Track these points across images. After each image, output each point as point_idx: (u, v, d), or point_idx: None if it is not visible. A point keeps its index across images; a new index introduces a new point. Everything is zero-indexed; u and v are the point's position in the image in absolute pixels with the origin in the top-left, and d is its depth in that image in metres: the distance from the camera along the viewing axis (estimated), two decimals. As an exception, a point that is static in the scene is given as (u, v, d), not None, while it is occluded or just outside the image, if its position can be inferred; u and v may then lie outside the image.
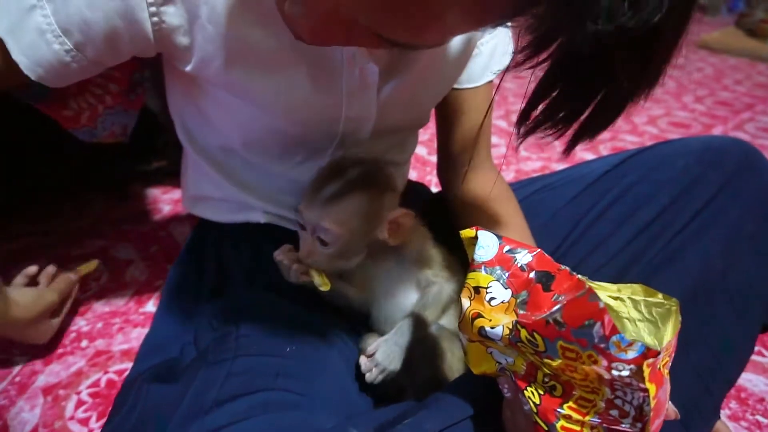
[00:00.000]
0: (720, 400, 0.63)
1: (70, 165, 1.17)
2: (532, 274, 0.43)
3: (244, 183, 0.64)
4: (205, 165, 0.65)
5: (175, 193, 1.32)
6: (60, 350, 0.86)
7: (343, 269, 0.57)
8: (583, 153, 1.67)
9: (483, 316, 0.43)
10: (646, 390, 0.35)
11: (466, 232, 0.47)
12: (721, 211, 0.61)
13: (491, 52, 0.67)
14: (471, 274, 0.46)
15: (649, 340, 0.41)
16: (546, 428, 0.40)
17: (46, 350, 0.85)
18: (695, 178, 0.64)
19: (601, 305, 0.34)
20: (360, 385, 0.58)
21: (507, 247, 0.45)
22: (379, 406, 0.56)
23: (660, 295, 0.42)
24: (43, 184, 1.17)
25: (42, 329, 0.74)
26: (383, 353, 0.56)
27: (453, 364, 0.62)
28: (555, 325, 0.36)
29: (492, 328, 0.42)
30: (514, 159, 1.61)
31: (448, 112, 0.72)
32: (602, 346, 0.34)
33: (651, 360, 0.34)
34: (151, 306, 0.97)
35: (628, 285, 0.43)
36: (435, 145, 0.77)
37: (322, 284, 0.54)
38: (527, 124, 0.37)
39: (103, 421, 0.74)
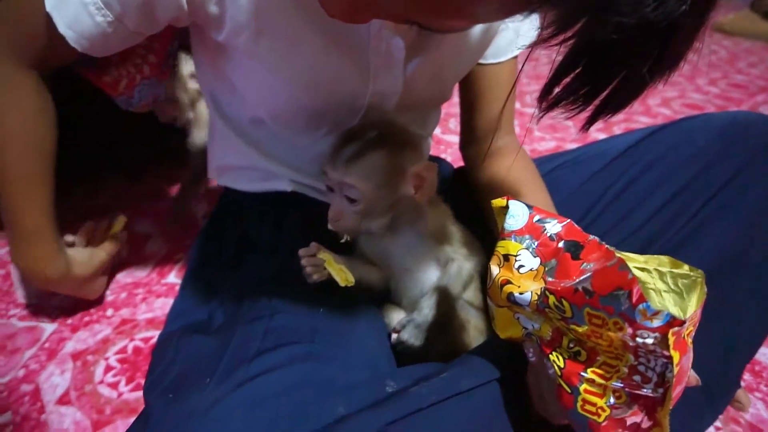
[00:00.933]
0: (741, 371, 0.64)
1: (84, 146, 1.18)
2: (561, 244, 0.44)
3: (270, 153, 0.65)
4: (232, 135, 0.66)
5: (192, 170, 1.34)
6: (86, 318, 0.88)
7: (370, 231, 0.58)
8: (597, 134, 1.67)
9: (512, 283, 0.44)
10: (669, 357, 0.36)
11: (498, 202, 0.48)
12: (744, 189, 0.61)
13: (517, 27, 0.67)
14: (501, 243, 0.47)
15: (675, 311, 0.42)
16: (569, 391, 0.41)
17: (73, 316, 0.88)
18: (718, 154, 0.64)
19: (631, 276, 0.35)
20: (386, 349, 0.60)
21: (537, 217, 0.46)
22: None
23: (686, 267, 0.42)
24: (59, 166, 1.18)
25: (97, 285, 0.82)
26: (408, 333, 0.58)
27: (472, 334, 0.63)
28: (584, 292, 0.37)
29: (521, 294, 0.43)
30: (529, 139, 1.61)
31: (472, 88, 0.72)
32: (629, 313, 0.35)
33: (676, 329, 0.35)
34: (172, 278, 0.98)
35: (655, 257, 0.44)
36: (449, 124, 0.77)
37: (343, 280, 0.55)
38: (549, 99, 0.37)
39: (133, 385, 0.76)
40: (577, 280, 0.39)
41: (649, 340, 0.36)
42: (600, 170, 0.73)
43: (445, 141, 1.50)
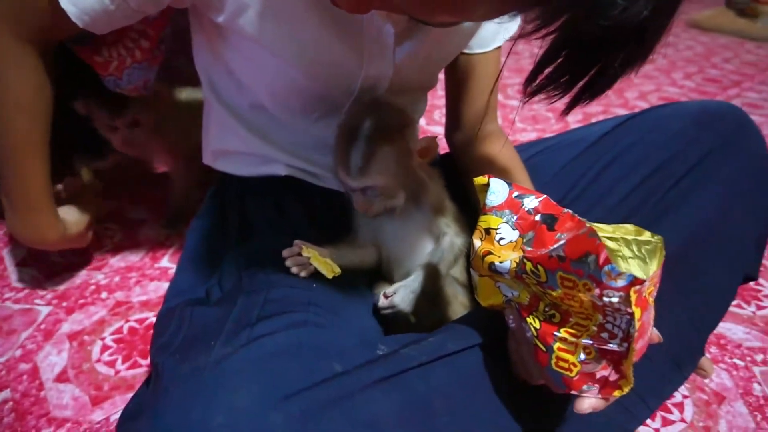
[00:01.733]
0: (706, 339, 0.69)
1: (79, 134, 1.19)
2: (537, 217, 0.48)
3: (266, 136, 0.67)
4: (229, 119, 0.68)
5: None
6: (81, 301, 0.90)
7: (395, 207, 0.62)
8: (577, 125, 1.71)
9: (493, 253, 0.47)
10: (632, 313, 0.40)
11: (480, 180, 0.51)
12: (715, 168, 0.65)
13: (501, 18, 0.71)
14: (482, 218, 0.50)
15: (639, 275, 0.46)
16: (544, 350, 0.45)
17: (68, 299, 0.90)
18: (690, 138, 0.68)
19: (598, 241, 0.39)
20: (375, 324, 0.63)
21: (516, 193, 0.50)
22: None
23: (647, 234, 0.46)
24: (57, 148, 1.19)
25: (85, 238, 0.87)
26: (400, 297, 0.61)
27: (456, 309, 0.67)
28: (557, 258, 0.41)
29: (501, 263, 0.46)
30: (511, 130, 1.66)
31: (458, 76, 0.75)
32: (596, 275, 0.39)
33: (637, 287, 0.38)
34: (165, 262, 1.01)
35: (622, 226, 0.48)
36: (434, 115, 0.80)
37: (329, 272, 0.58)
38: (533, 87, 0.41)
39: (130, 363, 0.79)
40: (552, 248, 0.43)
41: (615, 299, 0.39)
42: (577, 155, 0.77)
43: (431, 132, 1.53)
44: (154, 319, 0.87)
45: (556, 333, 0.44)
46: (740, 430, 0.74)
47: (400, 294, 0.61)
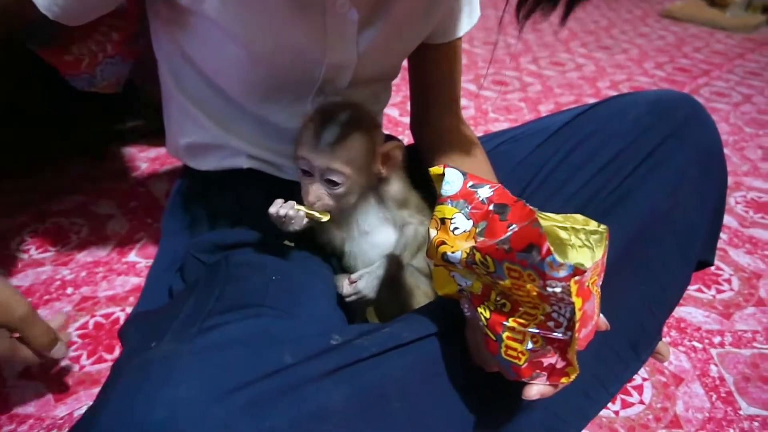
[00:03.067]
0: (662, 324, 0.70)
1: (48, 127, 1.17)
2: (491, 206, 0.49)
3: (229, 127, 0.67)
4: (190, 109, 0.67)
5: (152, 152, 1.34)
6: (46, 297, 0.89)
7: (345, 207, 0.61)
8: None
9: (446, 243, 0.48)
10: (572, 303, 0.41)
11: (435, 170, 0.52)
12: (668, 156, 0.67)
13: (460, 9, 0.71)
14: (438, 207, 0.51)
15: (588, 264, 0.47)
16: (494, 339, 0.45)
17: (32, 296, 0.88)
18: (646, 127, 0.69)
19: (541, 232, 0.39)
20: (338, 314, 0.63)
21: (470, 183, 0.51)
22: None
23: (594, 223, 0.47)
24: (24, 145, 1.17)
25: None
26: (364, 282, 0.61)
27: (419, 299, 0.68)
28: (503, 249, 0.41)
29: (453, 252, 0.47)
30: (483, 120, 1.67)
31: (420, 68, 0.75)
32: (539, 266, 0.39)
33: (578, 278, 0.39)
34: (133, 256, 1.00)
35: (571, 215, 0.49)
36: (407, 106, 0.81)
37: (322, 215, 0.57)
38: (525, 9, 0.41)
39: (95, 358, 0.78)
40: (500, 239, 0.43)
41: (558, 289, 0.40)
42: (541, 143, 0.78)
43: (403, 123, 1.53)
44: (120, 314, 0.87)
45: (504, 322, 0.45)
46: (696, 410, 0.76)
47: (365, 280, 0.61)
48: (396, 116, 1.59)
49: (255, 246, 0.63)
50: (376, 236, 0.67)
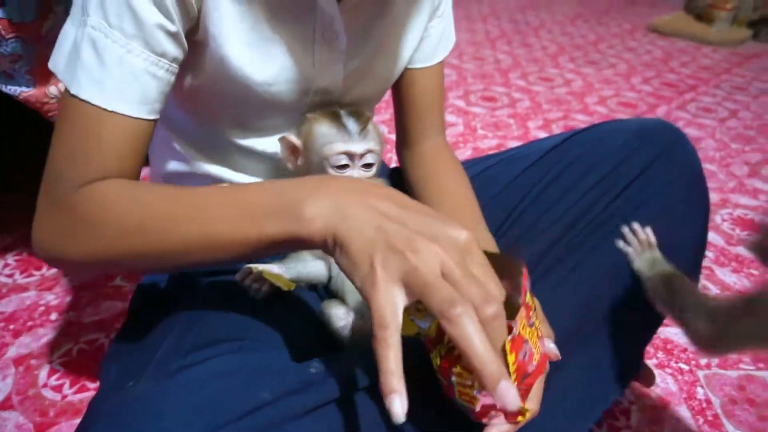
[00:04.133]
0: (643, 349, 0.71)
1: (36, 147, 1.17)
2: None
3: (212, 156, 0.67)
4: (172, 137, 0.67)
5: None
6: (29, 323, 0.88)
7: None
8: (537, 131, 1.75)
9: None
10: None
11: None
12: (656, 177, 0.68)
13: (440, 34, 0.72)
14: None
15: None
16: (447, 383, 0.46)
17: (15, 322, 0.87)
18: (633, 150, 0.71)
19: None
20: (322, 343, 0.63)
21: None
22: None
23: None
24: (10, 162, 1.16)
25: None
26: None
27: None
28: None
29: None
30: (472, 137, 1.68)
31: (403, 91, 0.76)
32: None
33: (508, 338, 0.39)
34: (119, 280, 0.99)
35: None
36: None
37: (285, 285, 0.57)
38: None
39: (77, 387, 0.78)
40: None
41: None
42: (529, 166, 0.79)
43: (392, 140, 1.54)
44: (105, 341, 0.86)
45: (453, 368, 0.45)
46: (683, 434, 0.76)
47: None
48: (384, 132, 1.60)
49: (236, 274, 0.62)
50: None
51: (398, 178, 0.82)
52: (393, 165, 0.84)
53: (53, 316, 0.90)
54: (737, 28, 2.97)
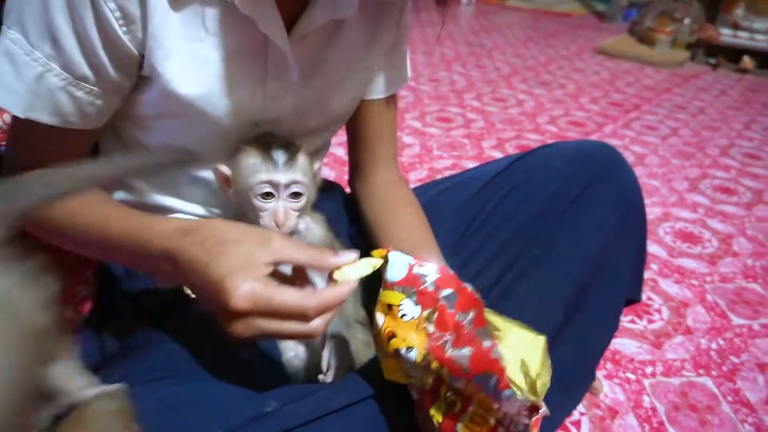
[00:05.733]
0: (595, 366, 0.74)
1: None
2: (439, 294, 0.48)
3: (162, 187, 0.67)
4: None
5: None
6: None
7: (299, 230, 0.63)
8: (491, 151, 1.80)
9: (397, 336, 0.47)
10: (527, 425, 0.43)
11: (378, 252, 0.51)
12: (589, 204, 0.71)
13: (395, 69, 0.74)
14: (384, 293, 0.49)
15: (521, 365, 0.45)
16: None
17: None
18: (567, 177, 0.73)
19: (501, 363, 0.41)
20: (278, 374, 0.63)
21: (416, 267, 0.49)
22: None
23: (532, 333, 0.48)
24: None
25: None
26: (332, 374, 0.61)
27: (358, 349, 0.68)
28: (461, 368, 0.42)
29: (407, 350, 0.46)
30: (428, 157, 1.71)
31: (354, 121, 0.77)
32: (494, 395, 0.41)
33: (535, 418, 0.41)
34: (70, 312, 0.96)
35: (511, 321, 0.49)
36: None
37: None
38: None
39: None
40: (459, 352, 0.43)
41: (513, 411, 0.42)
42: (475, 193, 0.81)
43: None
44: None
45: (457, 425, 0.46)
46: (630, 442, 0.79)
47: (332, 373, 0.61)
48: (342, 155, 1.62)
49: (189, 306, 0.62)
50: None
51: (353, 207, 0.83)
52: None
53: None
54: (677, 50, 3.15)
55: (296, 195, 0.60)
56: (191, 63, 0.53)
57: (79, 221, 0.53)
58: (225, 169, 0.61)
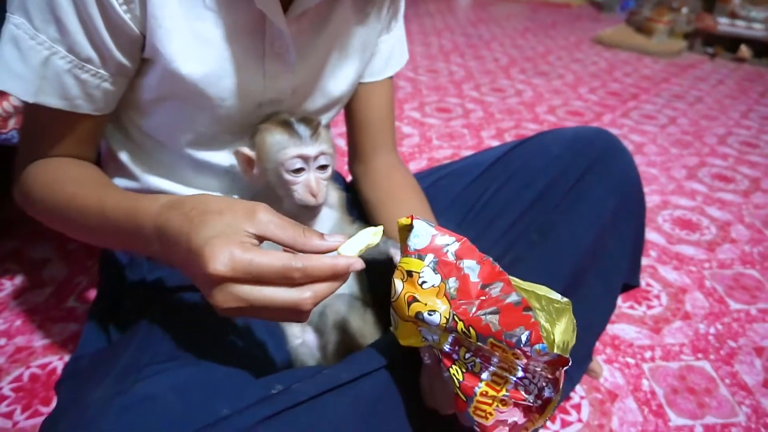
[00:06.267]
0: (591, 349, 0.75)
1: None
2: (461, 263, 0.48)
3: (163, 173, 0.67)
4: (124, 156, 0.67)
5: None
6: (-23, 350, 0.85)
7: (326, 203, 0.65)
8: (490, 141, 1.80)
9: (419, 301, 0.47)
10: (548, 378, 0.44)
11: (403, 221, 0.51)
12: (586, 191, 0.71)
13: (390, 50, 0.74)
14: (404, 259, 0.49)
15: (547, 326, 0.46)
16: (464, 399, 0.46)
17: (-39, 351, 0.84)
18: (565, 163, 0.74)
19: (533, 319, 0.42)
20: (283, 357, 0.64)
21: (438, 236, 0.49)
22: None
23: (556, 295, 0.48)
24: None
25: None
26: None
27: (365, 331, 0.69)
28: (490, 325, 0.42)
29: (429, 314, 0.46)
30: (427, 147, 1.71)
31: (353, 105, 0.78)
32: (526, 350, 0.42)
33: (561, 369, 0.42)
34: (72, 301, 0.97)
35: (535, 285, 0.49)
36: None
37: None
38: None
39: (29, 412, 0.76)
40: (485, 312, 0.44)
41: (539, 368, 0.43)
42: (474, 180, 0.81)
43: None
44: (58, 363, 0.84)
45: (477, 387, 0.46)
46: (630, 424, 0.80)
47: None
48: (342, 145, 1.62)
49: (196, 289, 0.63)
50: None
51: (353, 193, 0.83)
52: (350, 178, 0.86)
53: (2, 341, 0.87)
54: (674, 39, 3.14)
55: (323, 167, 0.62)
56: (192, 42, 0.54)
57: (76, 206, 0.53)
58: (247, 150, 0.62)
